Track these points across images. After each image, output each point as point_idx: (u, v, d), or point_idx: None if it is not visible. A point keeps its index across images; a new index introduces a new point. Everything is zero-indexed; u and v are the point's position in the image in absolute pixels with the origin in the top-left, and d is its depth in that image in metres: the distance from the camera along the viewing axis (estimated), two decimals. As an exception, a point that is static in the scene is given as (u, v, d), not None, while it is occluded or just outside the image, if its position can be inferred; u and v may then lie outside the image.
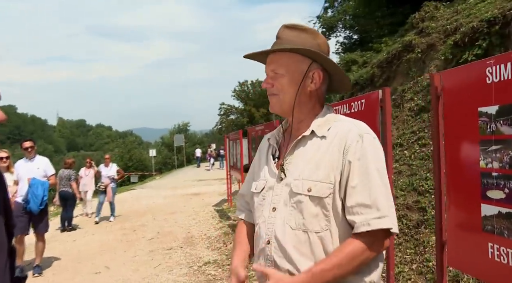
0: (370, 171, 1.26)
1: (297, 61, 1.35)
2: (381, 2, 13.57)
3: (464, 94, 2.14)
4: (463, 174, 2.19)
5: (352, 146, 1.28)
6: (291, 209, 1.31)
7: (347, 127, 1.34)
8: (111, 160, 10.98)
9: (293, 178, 1.33)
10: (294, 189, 1.31)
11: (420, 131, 6.11)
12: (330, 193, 1.27)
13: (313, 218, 1.27)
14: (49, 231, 9.43)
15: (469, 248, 2.14)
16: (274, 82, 1.38)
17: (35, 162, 5.97)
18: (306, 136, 1.37)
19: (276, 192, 1.37)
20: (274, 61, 1.38)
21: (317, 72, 1.37)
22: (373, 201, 1.23)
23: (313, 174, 1.30)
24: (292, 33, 1.37)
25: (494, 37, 5.57)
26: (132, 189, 20.78)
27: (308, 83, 1.37)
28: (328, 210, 1.27)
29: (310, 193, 1.28)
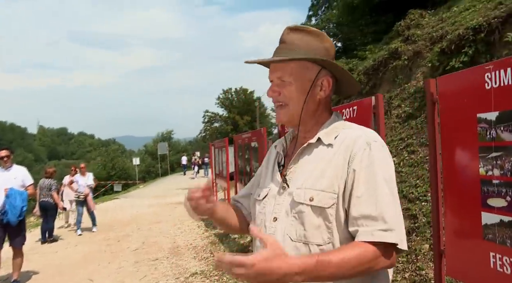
0: (377, 180, 1.17)
1: (306, 68, 1.28)
2: (364, 10, 13.74)
3: (462, 100, 2.10)
4: (461, 181, 2.15)
5: (358, 154, 1.20)
6: (293, 219, 1.23)
7: (355, 134, 1.26)
8: (86, 169, 10.61)
9: (296, 187, 1.25)
10: (296, 198, 1.23)
11: (408, 138, 6.12)
12: (333, 203, 1.19)
13: (315, 230, 1.19)
14: (29, 243, 9.22)
15: (469, 257, 2.08)
16: (281, 90, 1.30)
17: (12, 171, 5.72)
18: (312, 144, 1.30)
19: (278, 201, 1.30)
20: (280, 68, 1.29)
21: (326, 79, 1.30)
22: (379, 212, 1.13)
23: (317, 183, 1.22)
24: (297, 36, 1.30)
25: (480, 44, 5.63)
26: (116, 198, 20.43)
27: (317, 91, 1.30)
28: (331, 221, 1.18)
29: (312, 202, 1.20)
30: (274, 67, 1.32)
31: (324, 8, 21.27)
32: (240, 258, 0.99)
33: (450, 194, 2.25)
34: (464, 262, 2.14)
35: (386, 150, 1.26)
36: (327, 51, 1.30)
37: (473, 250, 2.04)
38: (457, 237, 2.20)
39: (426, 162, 5.30)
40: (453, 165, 2.21)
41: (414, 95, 6.81)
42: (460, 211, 2.17)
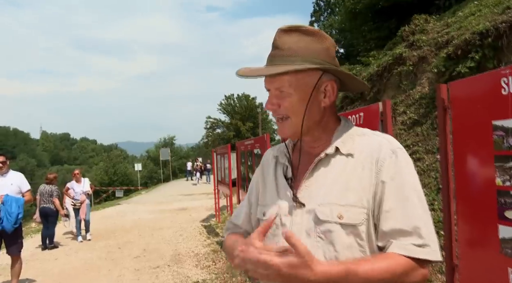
0: (407, 191, 1.08)
1: (306, 75, 1.13)
2: (366, 16, 13.68)
3: (476, 107, 2.01)
4: (475, 192, 2.05)
5: (385, 164, 1.10)
6: (318, 240, 1.10)
7: (377, 142, 1.15)
8: (86, 175, 10.51)
9: (317, 203, 1.12)
10: (321, 216, 1.10)
11: (414, 145, 6.01)
12: (364, 219, 1.08)
13: (346, 250, 1.07)
14: (30, 249, 9.15)
15: (484, 272, 1.98)
16: (281, 102, 1.16)
17: (8, 177, 5.59)
18: (329, 154, 1.17)
19: (295, 220, 1.15)
20: (277, 78, 1.14)
21: (330, 84, 1.16)
22: (413, 227, 1.04)
23: (343, 197, 1.10)
24: (292, 39, 1.14)
25: (487, 49, 5.54)
26: (117, 204, 20.33)
27: (321, 98, 1.16)
28: (363, 239, 1.08)
29: (342, 220, 1.08)
30: (270, 77, 1.16)
31: (327, 14, 21.28)
32: (267, 258, 0.93)
33: (463, 205, 2.15)
34: (479, 278, 2.03)
35: (408, 156, 1.16)
36: (327, 52, 1.16)
37: (490, 265, 1.93)
38: (471, 251, 2.10)
39: (433, 170, 5.20)
40: (466, 175, 2.11)
41: (420, 102, 6.71)
42: (474, 223, 2.07)
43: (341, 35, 17.99)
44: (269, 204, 1.24)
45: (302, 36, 1.14)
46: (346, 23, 15.86)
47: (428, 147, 5.69)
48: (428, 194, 4.92)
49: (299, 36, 1.14)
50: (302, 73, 1.13)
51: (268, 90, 1.20)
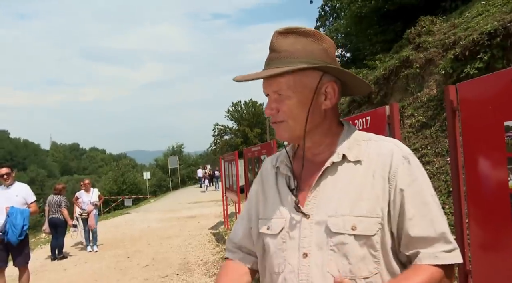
0: (426, 198, 1.05)
1: (305, 76, 1.08)
2: (372, 20, 13.63)
3: (487, 108, 1.94)
4: (487, 195, 1.98)
5: (399, 171, 1.06)
6: (331, 253, 1.05)
7: (387, 148, 1.10)
8: (96, 185, 10.50)
9: (328, 215, 1.07)
10: (333, 228, 1.05)
11: (422, 148, 5.93)
12: (378, 229, 1.04)
13: (360, 262, 1.03)
14: (39, 259, 9.18)
15: (500, 278, 1.90)
16: (279, 106, 1.11)
17: (13, 189, 5.58)
18: (336, 162, 1.11)
19: (304, 233, 1.09)
20: (275, 81, 1.09)
21: (331, 85, 1.11)
22: (439, 232, 1.03)
23: (355, 207, 1.05)
24: (289, 41, 1.09)
25: (496, 49, 5.45)
26: (126, 213, 20.37)
27: (321, 100, 1.11)
28: (377, 249, 1.04)
29: (356, 231, 1.03)
30: (268, 80, 1.12)
31: (332, 19, 21.25)
32: None
33: (475, 209, 2.07)
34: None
35: (417, 160, 1.13)
36: (326, 53, 1.11)
37: (506, 271, 1.86)
38: (485, 257, 2.02)
39: (443, 173, 5.11)
40: (477, 178, 2.04)
41: (428, 104, 6.64)
42: (487, 227, 2.00)
43: (347, 39, 17.94)
44: (273, 217, 1.17)
45: (299, 37, 1.10)
46: (352, 27, 15.81)
47: (437, 149, 5.60)
48: (439, 197, 4.83)
49: (296, 38, 1.10)
50: (300, 75, 1.08)
51: (267, 96, 1.15)
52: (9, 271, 5.83)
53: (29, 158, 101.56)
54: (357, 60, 15.36)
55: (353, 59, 17.45)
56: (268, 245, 1.17)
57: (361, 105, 9.34)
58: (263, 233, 1.18)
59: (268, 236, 1.17)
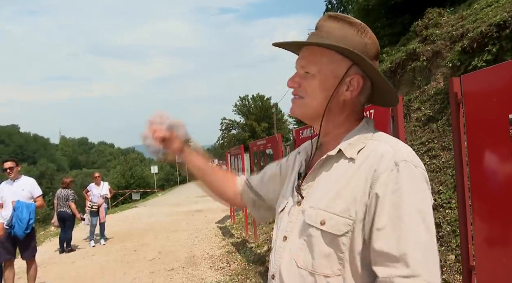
0: (404, 211, 0.93)
1: (334, 61, 1.08)
2: (379, 13, 13.47)
3: (491, 100, 1.90)
4: (492, 189, 1.94)
5: (383, 176, 0.97)
6: (302, 243, 1.06)
7: (381, 149, 1.03)
8: (104, 178, 10.51)
9: (309, 205, 1.08)
10: (307, 219, 1.06)
11: (429, 142, 5.86)
12: (347, 230, 0.99)
13: (324, 259, 1.01)
14: (48, 252, 9.27)
15: (504, 274, 1.87)
16: (302, 82, 1.12)
17: (19, 183, 5.63)
18: (332, 156, 1.09)
19: (291, 218, 1.14)
20: (306, 57, 1.12)
21: (356, 78, 1.08)
22: (401, 253, 0.90)
23: (332, 204, 1.03)
24: (336, 25, 1.10)
25: (505, 41, 5.34)
26: (134, 206, 20.51)
27: (342, 90, 1.09)
28: (343, 251, 0.99)
29: (323, 227, 1.01)
30: (301, 54, 1.15)
31: (340, 12, 21.09)
32: None
33: (479, 204, 2.04)
34: (498, 280, 1.92)
35: (420, 171, 1.00)
36: (366, 48, 1.09)
37: (509, 267, 1.83)
38: (489, 252, 1.99)
39: (449, 167, 5.05)
40: (482, 172, 2.00)
41: (435, 97, 6.55)
42: (492, 222, 1.97)
43: (354, 32, 17.77)
44: (283, 197, 1.24)
45: (345, 25, 1.10)
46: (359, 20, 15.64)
47: (444, 143, 5.53)
48: (445, 191, 4.78)
49: (342, 24, 1.10)
50: (330, 58, 1.08)
51: (296, 69, 1.17)
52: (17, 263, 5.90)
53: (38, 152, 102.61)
54: (365, 53, 15.22)
55: (360, 52, 17.29)
56: (275, 221, 1.25)
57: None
58: (274, 208, 1.29)
59: (277, 212, 1.25)
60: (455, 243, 4.00)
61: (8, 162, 5.59)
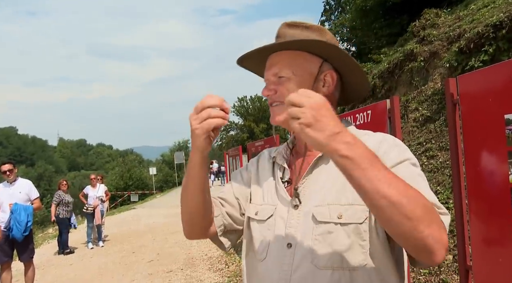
0: (415, 173, 1.00)
1: (306, 61, 1.11)
2: (377, 13, 13.50)
3: (487, 100, 1.91)
4: (488, 190, 1.95)
5: (389, 152, 1.03)
6: (315, 243, 1.02)
7: (376, 139, 1.10)
8: (102, 180, 10.44)
9: (314, 205, 1.06)
10: (319, 217, 1.03)
11: (427, 142, 5.87)
12: (366, 217, 1.00)
13: (347, 252, 1.00)
14: (46, 254, 9.24)
15: (501, 274, 1.88)
16: (277, 87, 1.12)
17: (16, 185, 5.61)
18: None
19: (290, 223, 1.09)
20: (277, 63, 1.12)
21: (330, 73, 1.12)
22: (432, 199, 0.92)
23: (341, 196, 1.03)
24: (295, 31, 1.13)
25: (501, 41, 5.36)
26: (132, 208, 20.47)
27: (319, 87, 1.11)
28: (365, 239, 1.00)
29: (341, 220, 1.01)
30: (269, 64, 1.14)
31: (337, 13, 21.10)
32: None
33: (476, 204, 2.05)
34: (495, 280, 1.93)
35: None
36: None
37: (506, 266, 1.83)
38: (485, 251, 2.00)
39: (447, 167, 5.05)
40: (478, 172, 2.01)
41: (432, 98, 6.56)
42: (488, 223, 1.97)
43: (352, 33, 17.79)
44: (263, 203, 1.18)
45: (303, 30, 1.14)
46: (357, 21, 15.66)
47: (442, 143, 5.54)
48: (443, 192, 4.79)
49: (301, 30, 1.14)
50: (302, 58, 1.10)
51: (266, 81, 1.16)
52: (15, 266, 5.89)
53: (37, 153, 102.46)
54: (363, 54, 15.23)
55: (358, 53, 17.31)
56: (253, 230, 1.17)
57: (365, 100, 9.26)
58: (251, 217, 1.19)
59: (255, 221, 1.17)
60: (453, 243, 4.01)
61: (7, 165, 5.57)
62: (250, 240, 1.20)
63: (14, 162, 5.84)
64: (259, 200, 1.20)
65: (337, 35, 19.16)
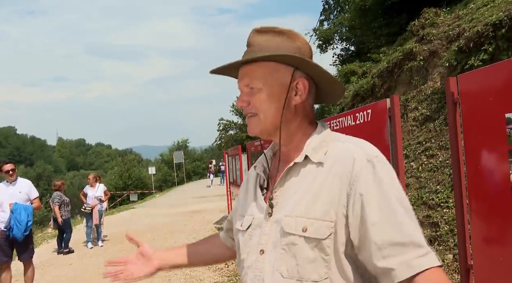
0: (391, 201, 0.98)
1: (276, 70, 1.10)
2: (377, 12, 13.50)
3: (488, 99, 1.90)
4: (489, 189, 1.95)
5: (361, 175, 1.01)
6: (282, 252, 1.05)
7: (350, 150, 1.06)
8: (100, 180, 10.40)
9: (284, 214, 1.07)
10: (286, 228, 1.05)
11: (426, 141, 5.87)
12: (330, 233, 1.01)
13: (310, 264, 1.01)
14: (45, 254, 9.23)
15: (502, 273, 1.87)
16: (250, 99, 1.13)
17: (16, 185, 5.62)
18: (299, 163, 1.11)
19: (264, 230, 1.11)
20: (248, 74, 1.12)
21: (302, 81, 1.11)
22: (408, 236, 0.95)
23: (310, 209, 1.03)
24: (265, 37, 1.13)
25: (501, 41, 5.37)
26: (132, 207, 20.45)
27: (292, 96, 1.11)
28: (328, 254, 1.01)
29: (306, 233, 1.02)
30: (241, 73, 1.15)
31: (336, 12, 21.09)
32: None
33: (476, 204, 2.04)
34: (496, 279, 1.92)
35: (389, 165, 1.07)
36: (300, 51, 1.12)
37: (507, 266, 1.83)
38: (486, 251, 1.99)
39: (447, 166, 5.06)
40: (478, 171, 2.01)
41: (432, 97, 6.56)
42: (489, 222, 1.97)
43: (351, 32, 17.79)
44: (246, 214, 1.21)
45: (274, 36, 1.13)
46: (356, 20, 15.65)
47: (442, 143, 5.54)
48: (442, 191, 4.79)
49: (271, 36, 1.13)
50: (272, 69, 1.10)
51: (240, 91, 1.17)
52: (14, 265, 5.88)
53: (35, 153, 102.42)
54: (362, 53, 15.23)
55: (357, 52, 17.31)
56: (239, 241, 1.21)
57: (364, 99, 9.27)
58: (237, 228, 1.23)
59: (240, 231, 1.20)
60: (453, 242, 4.01)
61: (9, 164, 5.58)
62: (238, 250, 1.23)
63: (14, 162, 5.84)
64: (244, 212, 1.23)
65: (336, 34, 19.17)
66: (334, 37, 19.31)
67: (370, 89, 9.20)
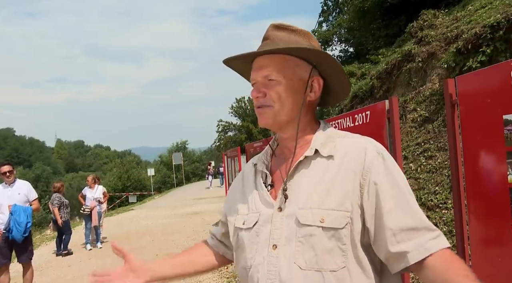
0: (403, 190, 1.06)
1: (297, 65, 1.13)
2: (375, 14, 13.55)
3: (485, 101, 1.92)
4: (487, 190, 1.96)
5: (373, 166, 1.06)
6: (298, 244, 1.06)
7: (361, 144, 1.12)
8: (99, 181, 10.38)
9: (298, 207, 1.08)
10: (302, 219, 1.06)
11: (425, 143, 5.88)
12: (347, 223, 1.04)
13: (327, 254, 1.03)
14: (44, 255, 9.22)
15: (500, 274, 1.88)
16: (267, 90, 1.13)
17: (15, 187, 5.60)
18: (309, 157, 1.13)
19: (275, 225, 1.11)
20: (267, 66, 1.13)
21: (317, 79, 1.16)
22: (420, 222, 1.02)
23: (325, 201, 1.06)
24: (283, 33, 1.16)
25: (499, 42, 5.39)
26: (131, 209, 20.42)
27: (308, 92, 1.15)
28: (345, 243, 1.03)
29: (324, 224, 1.04)
30: (257, 65, 1.15)
31: (335, 14, 21.14)
32: None
33: (475, 204, 2.05)
34: (494, 280, 1.93)
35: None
36: None
37: (505, 266, 1.84)
38: (484, 251, 2.01)
39: (445, 168, 5.07)
40: (477, 172, 2.02)
41: (430, 98, 6.58)
42: (487, 223, 1.98)
43: (350, 34, 17.85)
44: (250, 212, 1.20)
45: (292, 33, 1.16)
46: (355, 21, 15.71)
47: (440, 144, 5.56)
48: (441, 192, 4.80)
49: (288, 32, 1.16)
50: (293, 63, 1.12)
51: (253, 84, 1.18)
52: (13, 267, 5.87)
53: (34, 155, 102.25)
54: (361, 55, 15.28)
55: (356, 54, 17.37)
56: (242, 239, 1.19)
57: (363, 100, 9.29)
58: (238, 227, 1.21)
59: (243, 230, 1.19)
60: (452, 243, 4.01)
61: (6, 166, 5.56)
62: (238, 250, 1.22)
63: (12, 163, 5.83)
64: (246, 210, 1.22)
65: (335, 36, 19.23)
66: (333, 39, 19.37)
67: (369, 91, 9.22)
